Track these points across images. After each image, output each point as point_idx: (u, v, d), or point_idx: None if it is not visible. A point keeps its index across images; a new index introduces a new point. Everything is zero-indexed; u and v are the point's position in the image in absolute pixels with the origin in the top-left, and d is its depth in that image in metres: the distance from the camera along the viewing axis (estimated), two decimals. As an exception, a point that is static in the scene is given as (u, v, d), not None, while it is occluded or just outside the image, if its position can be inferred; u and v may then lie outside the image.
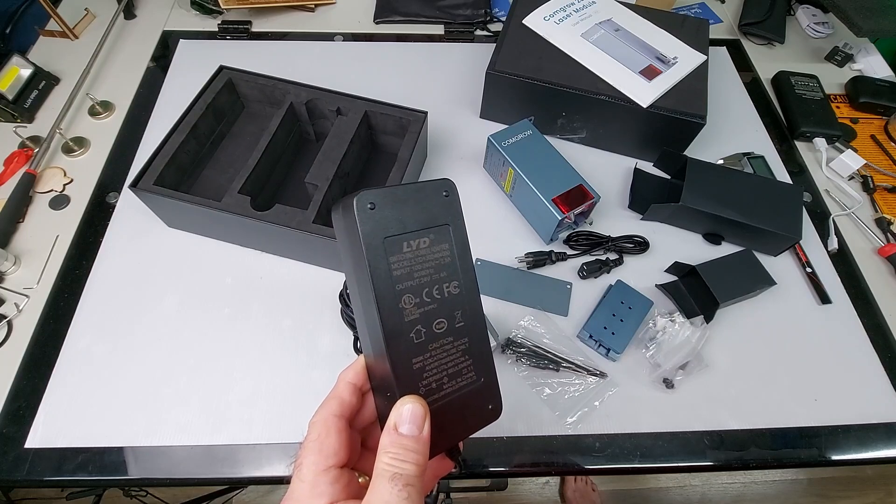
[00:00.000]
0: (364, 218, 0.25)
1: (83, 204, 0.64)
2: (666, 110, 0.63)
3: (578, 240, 0.62)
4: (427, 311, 0.26)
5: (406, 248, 0.26)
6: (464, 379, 0.27)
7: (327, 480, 0.23)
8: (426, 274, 0.26)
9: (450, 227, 0.27)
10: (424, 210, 0.26)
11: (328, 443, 0.24)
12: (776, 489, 1.29)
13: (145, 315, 0.56)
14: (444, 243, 0.27)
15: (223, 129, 0.67)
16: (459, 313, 0.27)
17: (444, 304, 0.27)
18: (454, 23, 0.87)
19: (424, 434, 0.24)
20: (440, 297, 0.26)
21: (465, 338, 0.27)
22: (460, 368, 0.27)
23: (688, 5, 0.94)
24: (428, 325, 0.26)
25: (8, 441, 0.49)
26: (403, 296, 0.25)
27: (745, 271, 0.59)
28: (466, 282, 0.27)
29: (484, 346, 0.28)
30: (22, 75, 0.71)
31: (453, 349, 0.27)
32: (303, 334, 0.56)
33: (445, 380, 0.26)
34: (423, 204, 0.26)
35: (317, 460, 0.24)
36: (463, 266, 0.27)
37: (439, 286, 0.27)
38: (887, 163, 0.74)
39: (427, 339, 0.26)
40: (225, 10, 0.84)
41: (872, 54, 0.86)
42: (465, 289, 0.27)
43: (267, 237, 0.58)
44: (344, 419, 0.26)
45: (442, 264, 0.27)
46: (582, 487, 1.21)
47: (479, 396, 0.27)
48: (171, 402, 0.51)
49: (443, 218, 0.27)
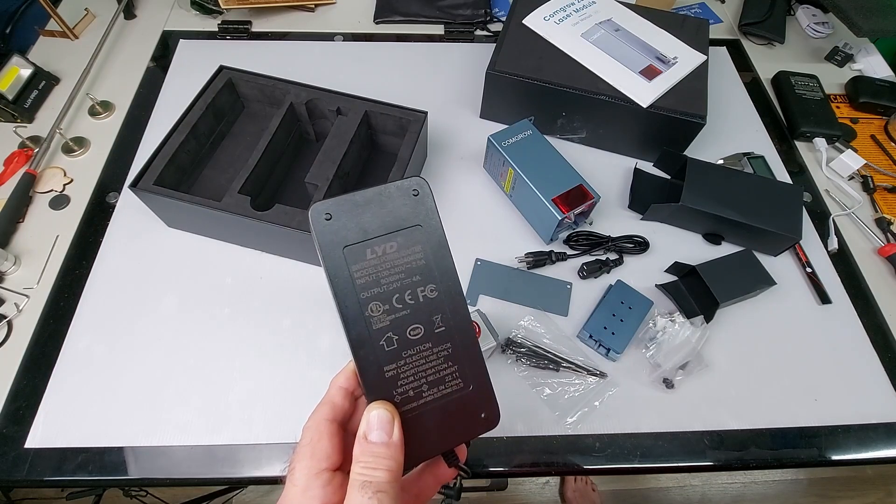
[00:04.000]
0: (320, 230, 0.24)
1: (83, 204, 0.64)
2: (666, 110, 0.63)
3: (578, 240, 0.62)
4: (399, 317, 0.25)
5: (370, 255, 0.25)
6: (447, 386, 0.26)
7: (319, 484, 0.23)
8: (395, 280, 0.25)
9: (421, 227, 0.26)
10: (389, 213, 0.26)
11: (320, 447, 0.24)
12: (776, 489, 1.29)
13: (145, 315, 0.56)
14: (415, 245, 0.26)
15: (223, 129, 0.67)
16: (439, 318, 0.26)
17: (419, 310, 0.26)
18: (454, 23, 0.87)
19: (395, 440, 0.24)
20: (414, 302, 0.26)
21: (446, 343, 0.26)
22: (443, 375, 0.26)
23: (688, 5, 0.94)
24: (401, 332, 0.25)
25: (8, 441, 0.49)
26: (370, 304, 0.25)
27: (745, 271, 0.59)
28: (445, 284, 0.26)
29: (471, 352, 0.27)
30: (22, 75, 0.71)
31: (433, 356, 0.26)
32: (302, 334, 0.56)
33: (425, 387, 0.26)
34: (388, 207, 0.26)
35: (309, 464, 0.24)
36: (440, 268, 0.26)
37: (412, 291, 0.26)
38: (887, 163, 0.74)
39: (400, 346, 0.25)
40: (225, 10, 0.84)
41: (872, 54, 0.86)
42: (445, 292, 0.26)
43: (267, 237, 0.58)
44: (336, 423, 0.26)
45: (414, 268, 0.26)
46: (582, 487, 1.21)
47: (469, 404, 0.26)
48: (171, 402, 0.51)
49: (412, 219, 0.26)
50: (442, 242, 0.26)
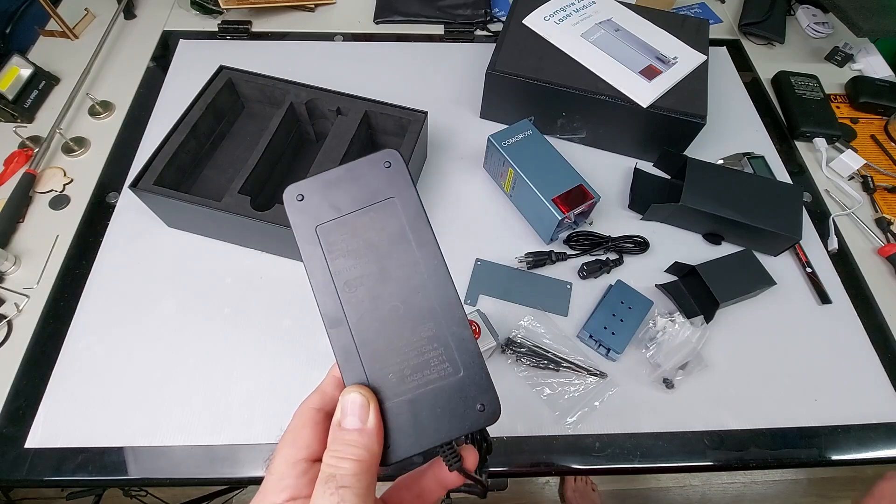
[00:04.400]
0: (293, 210, 0.24)
1: (83, 204, 0.64)
2: (666, 110, 0.63)
3: (578, 240, 0.62)
4: (375, 296, 0.24)
5: (343, 232, 0.24)
6: (433, 371, 0.24)
7: (294, 473, 0.22)
8: (371, 256, 0.24)
9: (395, 199, 0.25)
10: (362, 188, 0.25)
11: (302, 435, 0.23)
12: (776, 489, 1.29)
13: (145, 315, 0.56)
14: (390, 219, 0.25)
15: (223, 129, 0.67)
16: (420, 294, 0.24)
17: (397, 287, 0.24)
18: (454, 23, 0.87)
19: (370, 426, 0.22)
20: (393, 278, 0.24)
21: (429, 323, 0.24)
22: (427, 359, 0.24)
23: (688, 5, 0.94)
24: (378, 311, 0.24)
25: (8, 441, 0.49)
26: (343, 281, 0.24)
27: (745, 271, 0.59)
28: (426, 258, 0.24)
29: (460, 333, 0.24)
30: (22, 75, 0.71)
31: (414, 337, 0.24)
32: (302, 334, 0.56)
33: (407, 371, 0.24)
34: (360, 182, 0.25)
35: (288, 453, 0.23)
36: (419, 240, 0.25)
37: (389, 267, 0.24)
38: (887, 163, 0.74)
39: (378, 325, 0.24)
40: (225, 10, 0.83)
41: (872, 54, 0.86)
42: (425, 266, 0.24)
43: (267, 237, 0.58)
44: (323, 412, 0.24)
45: (391, 242, 0.24)
46: (582, 487, 1.21)
47: (462, 393, 0.24)
48: (171, 401, 0.51)
49: (386, 191, 0.25)
50: (419, 213, 0.25)
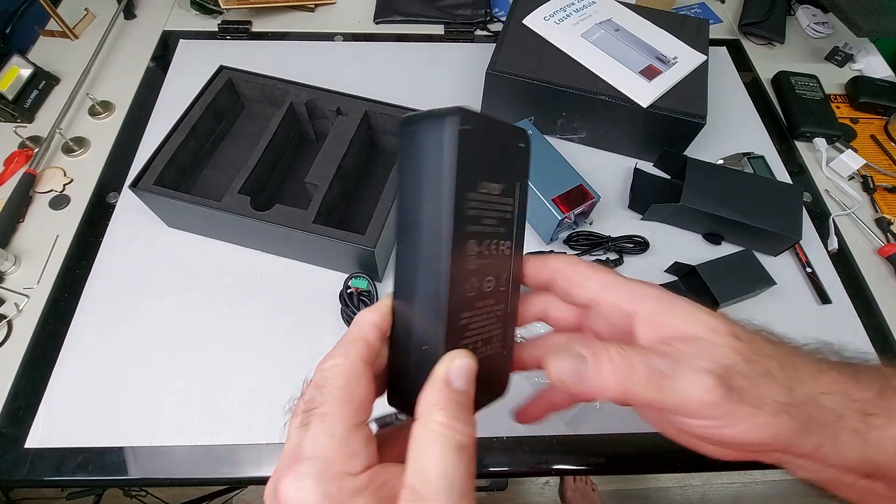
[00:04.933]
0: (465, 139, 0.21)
1: (83, 204, 0.64)
2: (666, 110, 0.63)
3: (578, 240, 0.62)
4: (483, 264, 0.23)
5: (482, 189, 0.22)
6: (492, 347, 0.24)
7: (360, 440, 0.19)
8: (491, 224, 0.23)
9: (518, 183, 0.25)
10: (505, 154, 0.24)
11: (359, 392, 0.20)
12: (776, 489, 1.29)
13: (145, 315, 0.56)
14: (509, 196, 0.24)
15: (223, 129, 0.67)
16: (505, 276, 0.25)
17: (496, 262, 0.24)
18: (454, 23, 0.87)
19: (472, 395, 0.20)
20: (496, 253, 0.24)
21: (502, 304, 0.25)
22: (493, 335, 0.24)
23: (688, 5, 0.94)
24: (480, 280, 0.23)
25: (8, 441, 0.49)
26: (470, 240, 0.22)
27: (745, 271, 0.59)
28: (517, 245, 0.25)
29: (513, 318, 0.26)
30: (22, 75, 0.71)
31: (492, 313, 0.24)
32: (303, 334, 0.56)
33: (479, 344, 0.23)
34: (507, 148, 0.24)
35: (347, 413, 0.19)
36: (518, 227, 0.25)
37: (497, 242, 0.24)
38: (887, 163, 0.74)
39: (476, 295, 0.23)
40: (225, 10, 0.83)
41: (872, 54, 0.86)
42: (515, 252, 0.25)
43: (267, 237, 0.58)
44: (371, 367, 0.21)
45: (504, 219, 0.24)
46: (582, 487, 1.21)
47: (498, 370, 0.25)
48: (171, 401, 0.51)
49: (516, 170, 0.25)
50: (525, 205, 0.25)
